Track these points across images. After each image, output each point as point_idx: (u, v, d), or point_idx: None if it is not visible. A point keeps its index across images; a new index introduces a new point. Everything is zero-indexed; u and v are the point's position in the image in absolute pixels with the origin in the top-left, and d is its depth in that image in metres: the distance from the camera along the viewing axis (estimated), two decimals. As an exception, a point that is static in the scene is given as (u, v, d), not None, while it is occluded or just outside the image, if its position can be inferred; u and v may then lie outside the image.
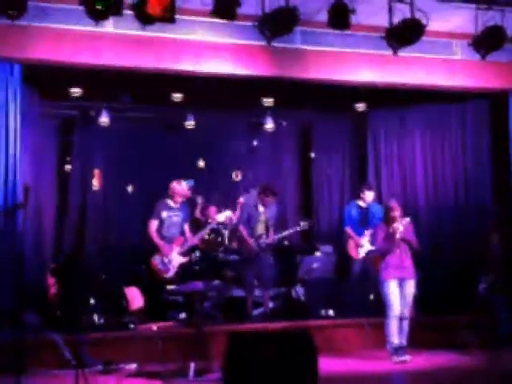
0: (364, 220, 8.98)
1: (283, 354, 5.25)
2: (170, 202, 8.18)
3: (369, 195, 9.05)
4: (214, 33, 7.80)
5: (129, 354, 6.94)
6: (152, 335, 6.84)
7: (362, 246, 8.85)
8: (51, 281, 7.80)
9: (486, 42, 8.10)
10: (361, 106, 9.90)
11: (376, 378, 6.67)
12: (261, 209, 8.70)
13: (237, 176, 10.13)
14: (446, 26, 8.33)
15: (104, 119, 9.35)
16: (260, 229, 8.67)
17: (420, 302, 7.39)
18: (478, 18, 7.79)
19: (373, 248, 8.51)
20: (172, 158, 9.53)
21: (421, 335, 7.58)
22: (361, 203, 9.09)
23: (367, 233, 8.81)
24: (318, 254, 9.42)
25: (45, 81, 8.15)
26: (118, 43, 7.49)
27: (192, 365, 6.51)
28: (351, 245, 8.94)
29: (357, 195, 9.21)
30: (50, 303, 7.60)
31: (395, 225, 7.28)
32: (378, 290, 7.47)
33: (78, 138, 9.73)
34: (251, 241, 8.50)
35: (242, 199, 8.59)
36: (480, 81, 8.62)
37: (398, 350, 7.19)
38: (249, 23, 7.68)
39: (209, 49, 7.83)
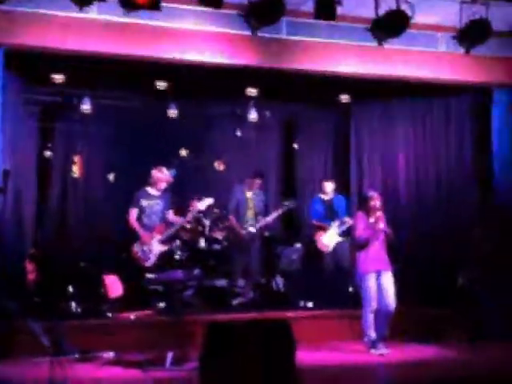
0: (329, 212, 9.00)
1: (261, 344, 5.24)
2: (151, 190, 8.15)
3: (327, 186, 9.10)
4: (200, 21, 7.76)
5: (107, 342, 6.92)
6: (130, 323, 6.82)
7: (327, 237, 8.86)
8: (30, 266, 7.75)
9: (471, 35, 8.11)
10: (345, 98, 9.86)
11: (353, 370, 6.67)
12: (248, 195, 8.75)
13: (219, 166, 10.09)
14: (431, 19, 8.33)
15: (86, 106, 9.27)
16: (249, 215, 8.75)
17: (400, 294, 7.38)
18: (463, 11, 7.79)
19: (340, 239, 8.57)
20: (155, 146, 9.47)
21: (401, 328, 7.59)
22: (323, 196, 9.12)
23: (333, 224, 8.83)
24: (298, 245, 9.41)
25: (28, 66, 8.07)
26: (102, 30, 7.43)
27: (170, 353, 6.49)
28: (318, 238, 8.95)
29: (320, 188, 9.24)
30: (28, 289, 7.55)
31: (378, 214, 7.29)
32: (355, 282, 7.49)
33: (60, 124, 9.64)
34: (242, 230, 8.58)
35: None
36: (464, 74, 8.63)
37: (376, 343, 7.20)
38: (235, 12, 7.68)
39: (194, 37, 7.79)
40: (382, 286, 7.27)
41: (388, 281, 7.29)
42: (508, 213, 8.51)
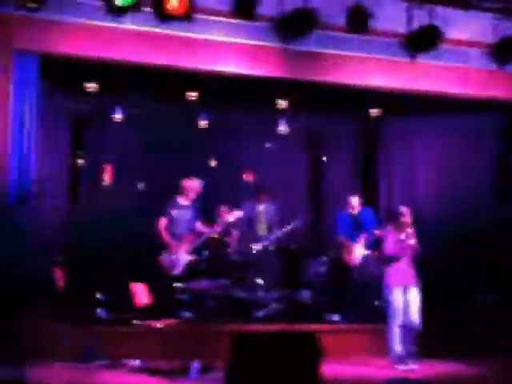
0: (356, 227, 8.95)
1: (288, 356, 5.22)
2: (181, 200, 8.20)
3: (353, 200, 9.04)
4: (231, 33, 7.81)
5: (133, 350, 6.96)
6: (156, 332, 6.85)
7: (354, 252, 8.82)
8: (59, 273, 7.82)
9: (503, 51, 8.10)
10: (375, 112, 9.84)
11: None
12: (260, 208, 8.78)
13: (248, 177, 10.10)
14: (463, 35, 8.31)
15: (118, 115, 9.37)
16: (261, 229, 8.75)
17: (430, 310, 7.34)
18: (496, 27, 7.77)
19: (367, 252, 8.52)
20: (185, 156, 9.52)
21: (430, 344, 7.52)
22: (350, 211, 9.07)
23: (361, 239, 8.78)
24: (324, 258, 9.37)
25: (62, 74, 8.16)
26: (135, 39, 7.51)
27: (195, 363, 6.50)
28: (345, 252, 8.91)
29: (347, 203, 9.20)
30: (58, 295, 7.62)
31: (409, 230, 7.28)
32: (382, 296, 7.46)
33: (92, 132, 9.73)
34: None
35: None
36: (495, 91, 8.58)
37: (402, 359, 7.15)
38: (266, 24, 7.72)
39: (225, 48, 7.84)
40: (408, 301, 7.24)
41: (414, 296, 7.26)
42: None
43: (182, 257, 8.00)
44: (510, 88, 8.57)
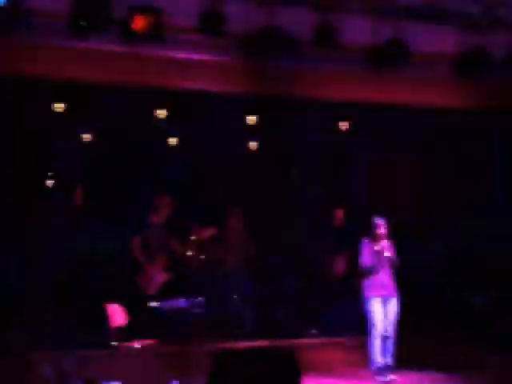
0: (338, 240, 8.99)
1: (268, 373, 5.19)
2: (154, 218, 8.12)
3: (338, 214, 9.07)
4: (199, 49, 7.81)
5: (111, 372, 6.87)
6: (134, 352, 6.78)
7: (337, 265, 8.86)
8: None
9: (470, 62, 8.22)
10: (345, 125, 9.90)
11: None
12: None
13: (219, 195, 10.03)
14: (428, 47, 8.41)
15: (86, 135, 9.29)
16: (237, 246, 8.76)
17: (410, 320, 7.39)
18: (462, 39, 7.90)
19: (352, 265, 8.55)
20: (154, 174, 9.47)
21: (409, 355, 7.55)
22: (333, 224, 9.11)
23: (342, 252, 8.82)
24: (299, 272, 9.36)
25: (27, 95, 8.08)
26: (102, 58, 7.47)
27: (173, 382, 6.46)
28: (328, 266, 8.93)
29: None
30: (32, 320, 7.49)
31: (384, 242, 7.31)
32: (361, 308, 7.48)
33: (60, 153, 9.62)
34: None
35: None
36: (463, 100, 8.71)
37: (382, 370, 7.17)
38: (234, 40, 7.74)
39: (193, 65, 7.83)
40: (386, 312, 7.27)
41: (392, 308, 7.29)
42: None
43: (157, 276, 7.92)
44: (475, 98, 8.71)
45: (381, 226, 7.43)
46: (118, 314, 7.36)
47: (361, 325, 7.53)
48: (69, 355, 6.80)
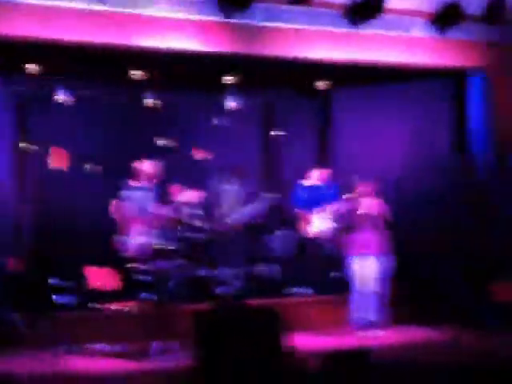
0: (314, 199, 9.00)
1: (250, 331, 5.25)
2: (133, 183, 8.05)
3: (314, 174, 9.09)
4: (173, 8, 7.72)
5: (93, 334, 6.91)
6: (115, 315, 6.81)
7: (312, 223, 8.87)
8: (13, 260, 7.70)
9: (444, 19, 8.21)
10: (323, 84, 9.83)
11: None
12: (225, 187, 8.74)
13: (198, 155, 9.99)
14: (405, 3, 8.38)
15: (61, 97, 9.14)
16: (227, 207, 8.73)
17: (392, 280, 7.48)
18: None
19: (326, 225, 8.60)
20: (133, 136, 9.38)
21: (395, 310, 7.65)
22: (308, 183, 9.12)
23: (317, 211, 8.83)
24: (278, 232, 9.41)
25: (6, 58, 7.94)
26: (74, 18, 7.37)
27: (154, 344, 6.51)
28: (302, 224, 8.98)
29: (304, 175, 9.24)
30: (15, 284, 7.49)
31: (365, 199, 7.37)
32: (342, 266, 7.55)
33: (36, 116, 9.49)
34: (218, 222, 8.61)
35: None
36: (439, 58, 8.72)
37: (363, 326, 7.28)
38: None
39: (168, 24, 7.76)
40: (367, 269, 7.35)
41: (373, 265, 7.37)
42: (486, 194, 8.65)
43: (135, 239, 7.88)
44: (454, 55, 8.71)
45: (357, 183, 7.46)
46: (98, 277, 7.36)
47: (343, 283, 7.63)
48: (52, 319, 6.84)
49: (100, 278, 7.30)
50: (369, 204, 7.40)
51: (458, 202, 8.86)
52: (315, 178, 9.11)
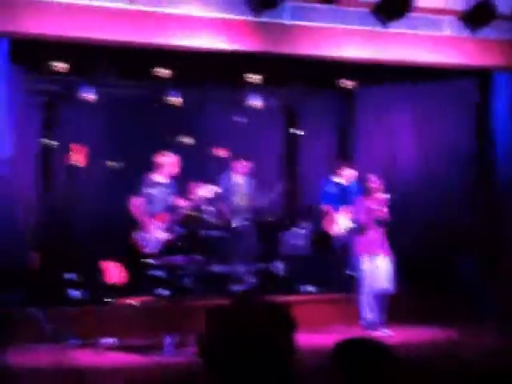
0: (341, 197, 8.92)
1: (259, 327, 5.20)
2: (155, 177, 8.05)
3: (344, 172, 9.03)
4: (201, 6, 7.72)
5: (107, 329, 6.96)
6: (130, 309, 6.85)
7: (338, 222, 8.80)
8: (32, 256, 7.79)
9: (475, 18, 8.08)
10: (349, 83, 9.76)
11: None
12: (238, 181, 8.76)
13: (221, 152, 9.98)
14: (435, 2, 8.27)
15: (88, 94, 9.22)
16: (239, 201, 8.74)
17: (400, 278, 7.40)
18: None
19: (351, 224, 8.53)
20: (157, 133, 9.43)
21: (403, 310, 7.57)
22: (338, 180, 9.05)
23: (343, 209, 8.75)
24: (297, 230, 9.36)
25: (30, 55, 8.05)
26: (104, 16, 7.41)
27: (168, 338, 6.52)
28: (327, 221, 8.91)
29: (334, 172, 9.18)
30: (30, 277, 7.57)
31: (378, 197, 7.32)
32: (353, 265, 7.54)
33: (62, 113, 9.60)
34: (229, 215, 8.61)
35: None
36: (468, 58, 8.55)
37: (373, 325, 7.23)
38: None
39: (195, 23, 7.75)
40: (377, 268, 7.30)
41: (383, 264, 7.32)
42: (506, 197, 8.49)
43: (156, 235, 7.89)
44: (484, 54, 8.55)
45: (371, 181, 7.42)
46: (114, 271, 7.40)
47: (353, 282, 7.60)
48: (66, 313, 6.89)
49: (115, 272, 7.34)
50: (380, 201, 7.36)
51: (473, 203, 8.74)
52: (345, 176, 9.03)
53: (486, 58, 8.55)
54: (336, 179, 9.08)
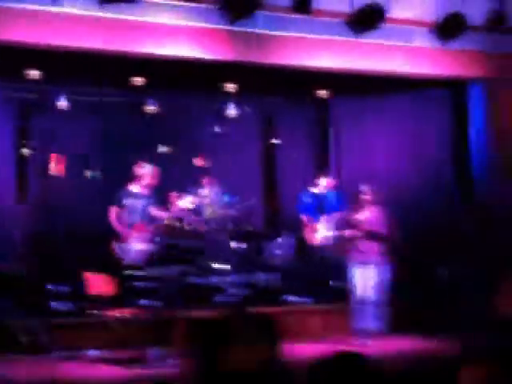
0: (319, 206, 8.97)
1: (246, 337, 5.19)
2: (132, 188, 8.03)
3: (321, 182, 9.08)
4: (176, 15, 7.72)
5: (91, 341, 6.89)
6: (113, 321, 6.79)
7: (318, 231, 8.84)
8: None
9: (447, 29, 8.19)
10: (323, 93, 9.82)
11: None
12: (204, 192, 8.77)
13: (199, 161, 9.99)
14: (407, 13, 8.37)
15: (62, 103, 9.15)
16: (208, 213, 8.75)
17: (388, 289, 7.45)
18: (439, 5, 7.85)
19: (331, 233, 8.57)
20: (133, 143, 9.37)
21: (398, 321, 7.59)
22: (315, 190, 9.10)
23: (323, 219, 8.80)
24: (279, 240, 9.39)
25: (4, 63, 7.95)
26: (76, 24, 7.35)
27: (151, 351, 6.48)
28: (307, 231, 8.95)
29: (311, 182, 9.23)
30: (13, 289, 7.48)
31: (370, 208, 7.36)
32: (342, 274, 7.54)
33: (37, 121, 9.51)
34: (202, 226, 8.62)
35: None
36: (440, 68, 8.69)
37: (364, 335, 7.25)
38: (211, 6, 7.65)
39: (170, 31, 7.74)
40: (365, 278, 7.33)
41: (371, 273, 7.35)
42: (487, 205, 8.59)
43: (135, 246, 7.86)
44: (455, 64, 8.68)
45: (365, 192, 7.45)
46: (96, 283, 7.34)
47: (341, 292, 7.60)
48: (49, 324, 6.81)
49: (98, 284, 7.27)
50: (370, 213, 7.39)
51: (458, 212, 8.82)
52: (322, 185, 9.08)
53: (459, 68, 8.71)
54: (313, 189, 9.12)
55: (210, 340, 4.98)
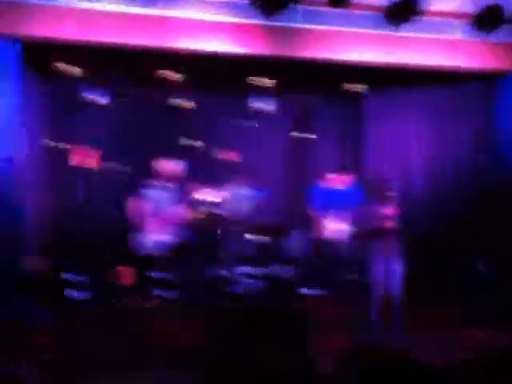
0: (330, 202, 8.91)
1: (273, 332, 5.19)
2: (155, 181, 8.08)
3: (333, 177, 9.02)
4: (213, 11, 7.75)
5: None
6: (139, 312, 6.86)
7: (328, 227, 8.80)
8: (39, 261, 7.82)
9: (486, 22, 8.07)
10: (358, 87, 9.74)
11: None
12: (240, 191, 8.78)
13: (229, 156, 9.98)
14: (446, 6, 8.27)
15: (102, 99, 9.27)
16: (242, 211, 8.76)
17: (412, 282, 7.40)
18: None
19: (345, 228, 8.50)
20: (167, 138, 9.45)
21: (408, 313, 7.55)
22: (325, 186, 9.04)
23: (335, 214, 8.74)
24: (296, 233, 9.34)
25: (42, 58, 8.09)
26: (113, 20, 7.45)
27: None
28: (318, 226, 8.91)
29: (331, 177, 9.16)
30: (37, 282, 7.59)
31: (392, 203, 7.32)
32: (357, 269, 7.55)
33: (75, 117, 9.63)
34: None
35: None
36: (478, 61, 8.55)
37: (381, 330, 7.25)
38: (247, 1, 7.66)
39: (207, 27, 7.78)
40: (388, 273, 7.31)
41: (395, 268, 7.33)
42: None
43: (150, 237, 7.87)
44: (493, 58, 8.55)
45: (383, 186, 7.43)
46: (126, 274, 7.41)
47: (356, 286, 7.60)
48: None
49: (128, 275, 7.35)
50: (394, 206, 7.37)
51: (479, 205, 8.72)
52: (335, 181, 9.02)
53: (496, 61, 8.55)
54: (324, 185, 9.04)
55: (229, 333, 5.03)
